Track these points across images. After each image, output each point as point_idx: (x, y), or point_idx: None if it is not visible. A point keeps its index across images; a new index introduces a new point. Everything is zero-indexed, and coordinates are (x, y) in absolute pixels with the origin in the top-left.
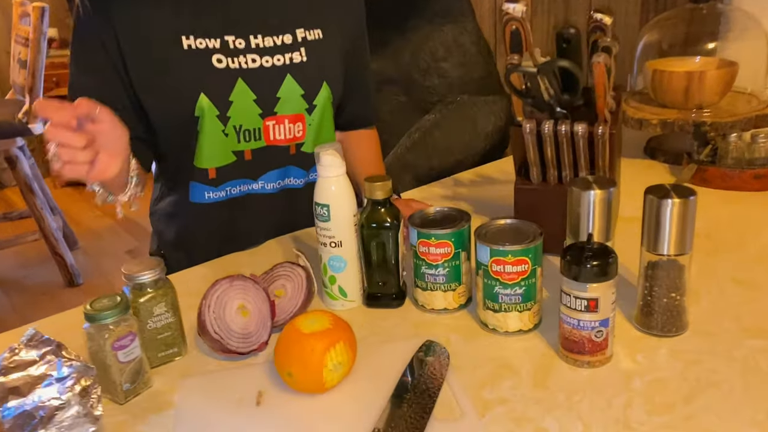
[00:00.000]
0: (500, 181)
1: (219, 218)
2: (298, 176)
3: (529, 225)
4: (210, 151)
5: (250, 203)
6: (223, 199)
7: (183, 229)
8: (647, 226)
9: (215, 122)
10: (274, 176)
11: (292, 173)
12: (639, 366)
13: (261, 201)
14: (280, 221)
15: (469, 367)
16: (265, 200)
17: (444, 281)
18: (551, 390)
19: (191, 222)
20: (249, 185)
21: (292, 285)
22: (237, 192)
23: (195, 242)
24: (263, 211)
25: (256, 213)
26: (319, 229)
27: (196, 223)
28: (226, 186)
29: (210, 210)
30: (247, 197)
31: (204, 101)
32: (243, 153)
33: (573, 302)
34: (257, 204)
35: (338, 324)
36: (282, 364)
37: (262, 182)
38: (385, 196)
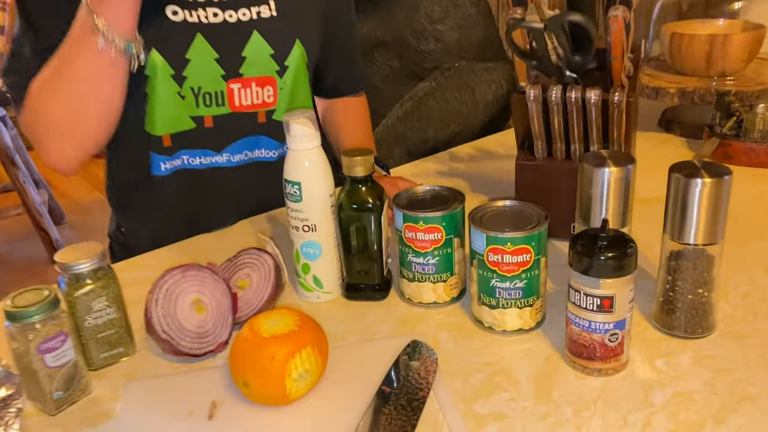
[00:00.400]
0: (502, 155)
1: (180, 194)
2: (270, 148)
3: (532, 208)
4: (164, 116)
5: (215, 178)
6: (179, 168)
7: (141, 207)
8: (671, 210)
9: (169, 83)
10: (241, 147)
11: (262, 144)
12: (659, 375)
13: (228, 176)
14: (253, 199)
15: (460, 374)
16: (233, 175)
17: (433, 271)
18: (557, 403)
19: (149, 198)
20: (212, 157)
21: (258, 275)
22: (197, 164)
23: (156, 222)
24: (232, 187)
25: (223, 189)
26: (290, 210)
27: (155, 200)
28: (182, 154)
29: (168, 183)
30: (211, 171)
31: (156, 58)
32: (203, 119)
33: (583, 300)
34: (224, 179)
35: (306, 324)
36: (237, 373)
37: (227, 154)
38: (366, 173)
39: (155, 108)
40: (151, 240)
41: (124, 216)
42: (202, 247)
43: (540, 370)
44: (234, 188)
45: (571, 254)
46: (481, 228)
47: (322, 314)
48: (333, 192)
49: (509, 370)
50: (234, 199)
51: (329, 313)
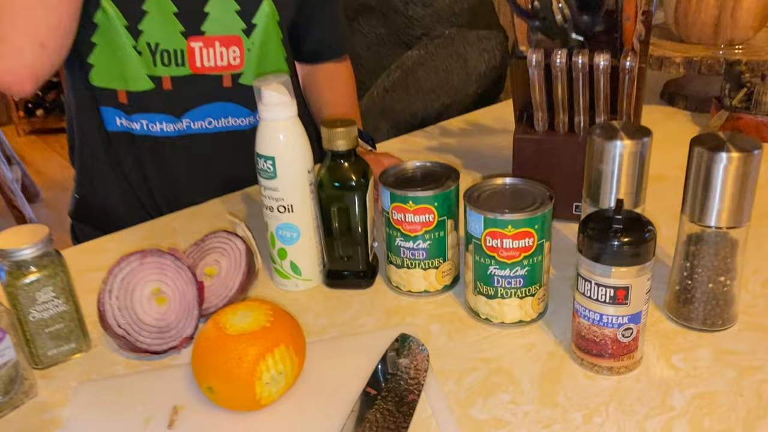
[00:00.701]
0: (496, 130)
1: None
2: (239, 115)
3: (534, 186)
4: (118, 70)
5: (177, 148)
6: (139, 132)
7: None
8: (692, 188)
9: (124, 35)
10: (203, 114)
11: (230, 112)
12: (677, 374)
13: (192, 146)
14: (225, 173)
15: (454, 373)
16: (197, 145)
17: (424, 257)
18: (564, 408)
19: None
20: (173, 124)
21: (227, 261)
22: (158, 131)
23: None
24: (197, 158)
25: (187, 161)
26: (264, 188)
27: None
28: (141, 117)
29: (125, 143)
30: (172, 140)
31: (108, 6)
32: (161, 80)
33: (594, 291)
34: (187, 149)
35: (279, 319)
36: (200, 376)
37: (187, 120)
38: (348, 147)
39: (107, 61)
40: (113, 220)
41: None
42: (170, 228)
43: (543, 369)
44: (200, 160)
45: (580, 238)
46: (478, 209)
47: (300, 304)
48: (312, 168)
49: (509, 369)
50: (202, 173)
51: (308, 303)
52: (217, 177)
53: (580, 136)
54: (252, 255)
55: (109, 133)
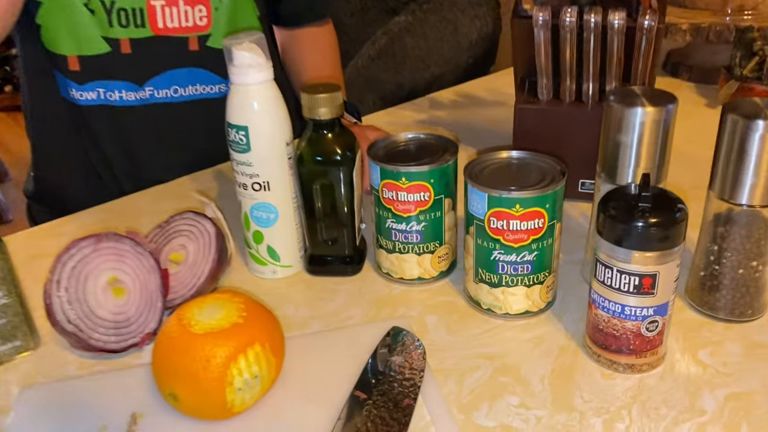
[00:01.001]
0: (490, 102)
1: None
2: (209, 82)
3: (544, 159)
4: (67, 32)
5: (141, 119)
6: (95, 103)
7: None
8: (723, 161)
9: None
10: (168, 81)
11: (198, 78)
12: (705, 371)
13: (157, 116)
14: (194, 147)
15: (454, 372)
16: (163, 115)
17: (419, 240)
18: (581, 412)
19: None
20: (134, 92)
21: (195, 245)
22: (116, 100)
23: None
24: (164, 131)
25: (153, 133)
26: (236, 163)
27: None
28: (97, 86)
29: (80, 115)
30: (134, 110)
31: None
32: (118, 43)
33: (616, 279)
34: (152, 120)
35: (253, 314)
36: (162, 381)
37: (150, 88)
38: (332, 115)
39: (56, 21)
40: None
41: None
42: (134, 209)
43: (555, 366)
44: (166, 133)
45: (600, 219)
46: (482, 186)
47: (279, 294)
48: (291, 140)
49: (517, 366)
50: (168, 147)
51: (287, 292)
52: (185, 151)
53: (589, 105)
54: (223, 239)
55: (64, 102)
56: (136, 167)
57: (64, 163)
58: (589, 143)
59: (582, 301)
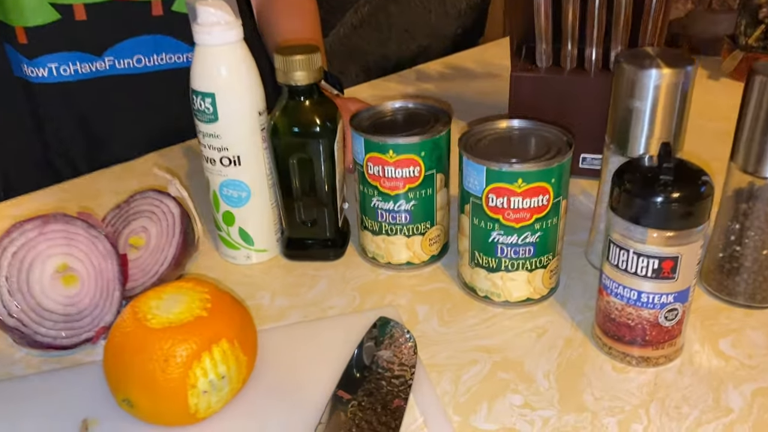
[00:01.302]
0: (480, 74)
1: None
2: (176, 50)
3: (548, 129)
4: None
5: (101, 93)
6: (48, 80)
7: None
8: (749, 129)
9: None
10: (130, 50)
11: (164, 47)
12: (728, 363)
13: (119, 89)
14: (161, 122)
15: (449, 368)
16: (127, 88)
17: (408, 221)
18: (593, 412)
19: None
20: (91, 63)
21: (158, 228)
22: (71, 74)
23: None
24: (127, 105)
25: (114, 108)
26: (203, 135)
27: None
28: (49, 61)
29: (41, 97)
30: (93, 84)
31: None
32: (71, 9)
33: (632, 262)
34: (114, 94)
35: (220, 305)
36: (115, 384)
37: (110, 59)
38: (310, 80)
39: None
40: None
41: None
42: (94, 189)
43: (561, 360)
44: (128, 107)
45: (615, 194)
46: (479, 158)
47: (253, 282)
48: (264, 109)
49: (518, 361)
50: (131, 122)
51: (263, 279)
52: (151, 127)
53: (592, 72)
54: (189, 220)
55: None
56: (95, 148)
57: (10, 147)
58: (592, 114)
59: (587, 287)
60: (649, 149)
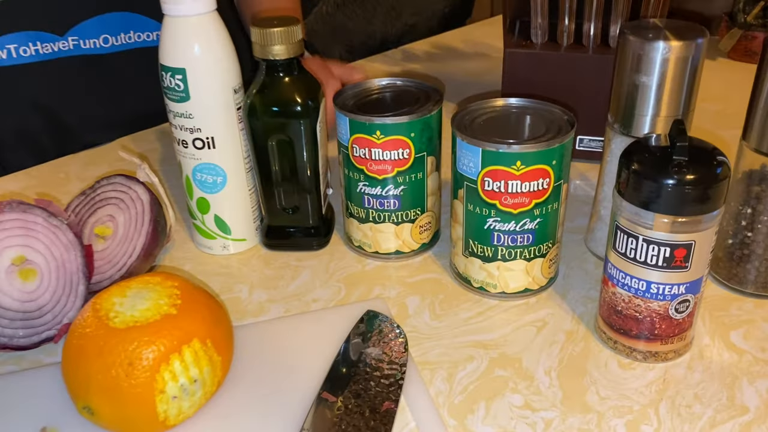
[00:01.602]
0: (469, 54)
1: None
2: (145, 28)
3: (547, 107)
4: None
5: (65, 74)
6: (7, 63)
7: None
8: (763, 106)
9: None
10: (97, 29)
11: (134, 24)
12: (741, 358)
13: (86, 71)
14: (132, 104)
15: (443, 365)
16: (94, 69)
17: (397, 207)
18: (598, 413)
19: None
20: (53, 44)
21: (126, 216)
22: (32, 55)
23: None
24: (95, 86)
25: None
26: (174, 115)
27: None
28: (7, 42)
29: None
30: (56, 64)
31: None
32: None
33: (641, 250)
34: (80, 75)
35: (190, 301)
36: (75, 390)
37: (75, 38)
38: (290, 55)
39: None
40: None
41: None
42: (61, 175)
43: (563, 356)
44: (96, 88)
45: (623, 177)
46: (474, 139)
47: (230, 274)
48: (240, 87)
49: (517, 357)
50: (101, 104)
51: (241, 271)
52: (121, 110)
53: (590, 48)
54: (160, 207)
55: None
56: (61, 133)
57: None
58: (590, 93)
59: (588, 276)
60: (656, 128)
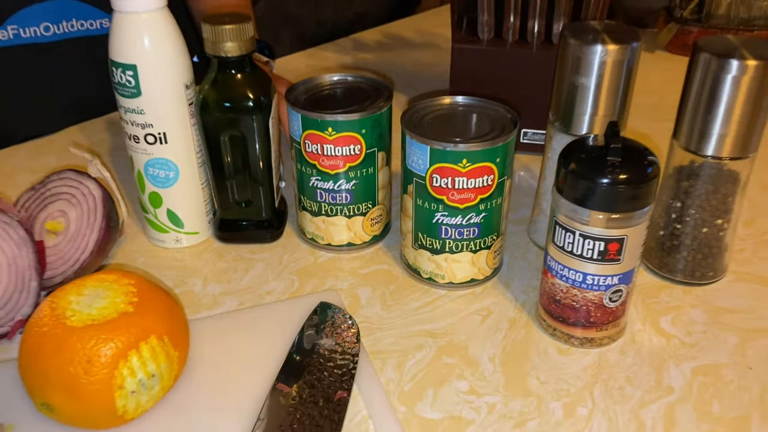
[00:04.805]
0: (418, 44)
1: None
2: (87, 17)
3: (492, 106)
4: None
5: (8, 64)
6: None
7: None
8: (692, 107)
9: None
10: (38, 16)
11: (75, 12)
12: (669, 342)
13: (27, 59)
14: (79, 94)
15: (393, 354)
16: (34, 58)
17: (348, 201)
18: (537, 396)
19: None
20: None
21: (78, 212)
22: None
23: None
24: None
25: (26, 82)
26: (125, 110)
27: None
28: None
29: None
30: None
31: None
32: None
33: (577, 244)
34: (20, 64)
35: (147, 298)
36: (33, 387)
37: (14, 27)
38: (242, 52)
39: None
40: None
41: None
42: (7, 167)
43: (506, 343)
44: (40, 78)
45: (561, 175)
46: (422, 137)
47: (184, 267)
48: (191, 82)
49: (463, 345)
50: (48, 93)
51: (194, 264)
52: (66, 99)
53: (534, 45)
54: (113, 203)
55: None
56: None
57: None
58: (533, 88)
59: (530, 265)
60: (594, 127)
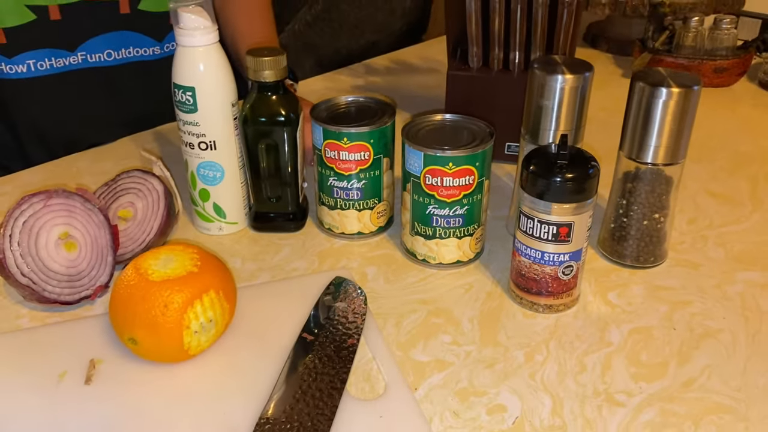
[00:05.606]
0: (423, 69)
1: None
2: (142, 45)
3: (474, 122)
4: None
5: (76, 84)
6: (26, 76)
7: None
8: (632, 124)
9: None
10: (102, 45)
11: (132, 41)
12: (613, 310)
13: (93, 81)
14: (135, 109)
15: (393, 315)
16: (99, 79)
17: (359, 197)
18: (505, 347)
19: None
20: (65, 59)
21: (143, 203)
22: (47, 68)
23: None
24: (100, 94)
25: (90, 98)
26: (183, 123)
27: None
28: (27, 58)
29: (19, 91)
30: (67, 76)
31: None
32: (46, 10)
33: (536, 228)
34: (88, 85)
35: (207, 264)
36: (121, 327)
37: (83, 53)
38: (277, 78)
39: None
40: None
41: None
42: (74, 169)
43: (483, 309)
44: (100, 95)
45: (524, 175)
46: (418, 145)
47: (226, 249)
48: (236, 101)
49: (449, 310)
50: (107, 110)
51: (233, 247)
52: (122, 114)
53: (515, 73)
54: (171, 196)
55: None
56: (71, 134)
57: None
58: (515, 108)
59: (507, 252)
60: (555, 139)
